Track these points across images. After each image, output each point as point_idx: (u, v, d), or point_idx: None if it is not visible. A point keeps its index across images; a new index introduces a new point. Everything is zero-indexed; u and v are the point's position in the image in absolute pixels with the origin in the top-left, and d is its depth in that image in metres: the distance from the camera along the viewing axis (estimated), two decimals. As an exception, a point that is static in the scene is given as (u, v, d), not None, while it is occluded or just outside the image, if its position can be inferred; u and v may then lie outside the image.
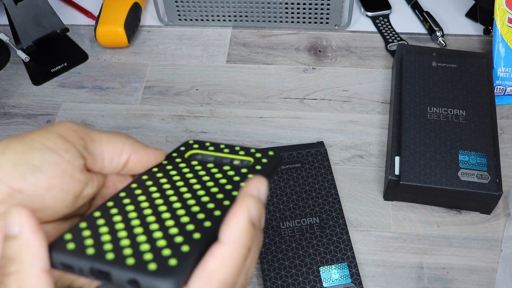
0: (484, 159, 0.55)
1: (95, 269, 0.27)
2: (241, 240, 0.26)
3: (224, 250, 0.26)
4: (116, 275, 0.26)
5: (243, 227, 0.27)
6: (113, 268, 0.26)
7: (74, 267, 0.27)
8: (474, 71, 0.63)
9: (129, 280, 0.26)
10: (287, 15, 0.75)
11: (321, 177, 0.59)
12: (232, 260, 0.26)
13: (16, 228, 0.26)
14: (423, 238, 0.56)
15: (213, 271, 0.25)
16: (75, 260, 0.27)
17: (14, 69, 0.75)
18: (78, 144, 0.31)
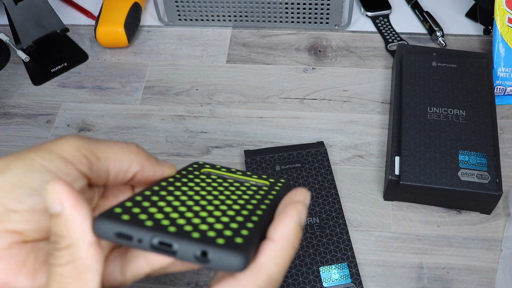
0: (484, 159, 0.55)
1: (157, 240, 0.26)
2: (291, 239, 0.27)
3: (275, 247, 0.27)
4: (182, 247, 0.25)
5: (293, 227, 0.27)
6: (179, 240, 0.25)
7: (133, 237, 0.26)
8: (474, 71, 0.63)
9: (197, 253, 0.25)
10: (287, 15, 0.75)
11: (321, 177, 0.59)
12: (281, 257, 0.26)
13: (57, 206, 0.26)
14: (423, 238, 0.56)
15: (263, 265, 0.26)
16: (133, 230, 0.26)
17: (14, 69, 0.75)
18: (82, 165, 0.30)
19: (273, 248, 0.27)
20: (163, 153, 0.64)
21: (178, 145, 0.65)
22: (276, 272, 0.26)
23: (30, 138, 0.67)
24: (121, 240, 0.26)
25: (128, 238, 0.26)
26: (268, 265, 0.26)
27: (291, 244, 0.27)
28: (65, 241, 0.26)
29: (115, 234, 0.26)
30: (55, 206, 0.26)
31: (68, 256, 0.26)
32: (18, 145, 0.66)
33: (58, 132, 0.67)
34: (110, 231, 0.26)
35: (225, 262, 0.25)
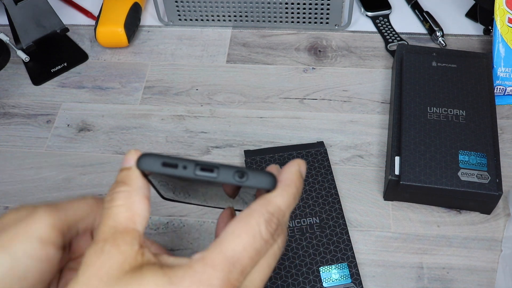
0: (484, 159, 0.55)
1: (200, 166, 0.30)
2: (294, 180, 0.32)
3: (282, 184, 0.32)
4: (222, 170, 0.30)
5: (295, 171, 0.32)
6: (218, 165, 0.30)
7: (178, 165, 0.30)
8: (474, 71, 0.63)
9: (237, 174, 0.30)
10: (287, 15, 0.75)
11: (321, 177, 0.59)
12: (286, 191, 0.31)
13: (131, 162, 0.32)
14: (423, 238, 0.56)
15: (271, 197, 0.31)
16: (177, 159, 0.30)
17: (14, 69, 0.75)
18: (59, 240, 0.34)
19: (281, 186, 0.31)
20: (163, 153, 0.64)
21: (178, 145, 0.65)
22: (282, 203, 0.31)
23: (30, 138, 0.67)
24: (166, 169, 0.30)
25: (174, 166, 0.30)
26: (275, 197, 0.31)
27: (293, 183, 0.32)
28: (126, 187, 0.31)
29: (162, 164, 0.30)
30: (130, 161, 0.32)
31: (125, 199, 0.30)
32: (18, 145, 0.66)
33: (58, 132, 0.67)
34: (157, 161, 0.30)
35: (260, 181, 0.30)
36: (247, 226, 0.29)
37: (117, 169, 0.63)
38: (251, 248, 0.29)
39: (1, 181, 0.63)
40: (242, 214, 0.30)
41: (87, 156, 0.65)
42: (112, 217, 0.30)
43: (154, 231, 0.58)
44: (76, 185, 0.62)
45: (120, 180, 0.31)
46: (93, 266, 0.28)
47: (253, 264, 0.29)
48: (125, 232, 0.29)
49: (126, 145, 0.65)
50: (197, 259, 0.28)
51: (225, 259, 0.28)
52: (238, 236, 0.29)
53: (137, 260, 0.29)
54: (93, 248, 0.29)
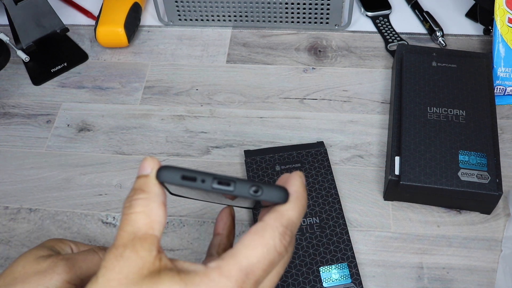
0: (484, 159, 0.55)
1: (217, 180, 0.32)
2: (301, 192, 0.33)
3: (293, 197, 0.33)
4: (239, 185, 0.32)
5: (300, 184, 0.34)
6: (235, 180, 0.32)
7: (197, 178, 0.32)
8: (474, 71, 0.63)
9: (252, 188, 0.32)
10: (287, 15, 0.75)
11: (321, 177, 0.59)
12: (296, 205, 0.33)
13: (148, 169, 0.33)
14: (423, 238, 0.56)
15: (283, 211, 0.32)
16: (196, 173, 0.32)
17: (14, 69, 0.75)
18: None
19: (291, 199, 0.33)
20: (163, 153, 0.64)
21: (178, 145, 0.65)
22: (294, 216, 0.32)
23: (30, 138, 0.67)
24: (186, 182, 0.32)
25: (192, 180, 0.32)
26: (288, 210, 0.32)
27: (301, 196, 0.33)
28: (144, 195, 0.32)
29: (181, 177, 0.32)
30: (147, 169, 0.33)
31: (143, 206, 0.31)
32: (18, 145, 0.66)
33: (58, 132, 0.67)
34: (177, 174, 0.32)
35: (273, 195, 0.32)
36: (262, 239, 0.30)
37: (118, 169, 0.63)
38: (265, 260, 0.30)
39: (1, 181, 0.63)
40: (257, 227, 0.31)
41: (87, 156, 0.65)
42: (131, 223, 0.31)
43: (154, 231, 0.58)
44: (76, 185, 0.62)
45: (138, 188, 0.32)
46: (112, 270, 0.29)
47: (266, 275, 0.31)
48: (143, 238, 0.30)
49: (126, 145, 0.65)
50: (213, 268, 0.29)
51: (240, 270, 0.29)
52: (254, 249, 0.30)
53: (155, 265, 0.30)
54: (112, 253, 0.30)
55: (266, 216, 0.32)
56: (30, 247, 0.58)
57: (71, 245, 0.46)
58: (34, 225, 0.59)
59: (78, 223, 0.59)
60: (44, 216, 0.60)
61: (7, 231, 0.59)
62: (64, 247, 0.45)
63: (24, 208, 0.61)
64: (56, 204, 0.61)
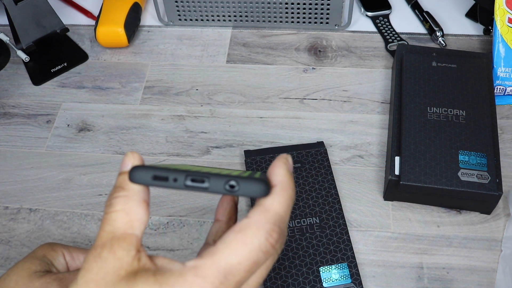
0: (484, 159, 0.55)
1: (190, 177, 0.30)
2: (286, 182, 0.31)
3: (277, 189, 0.31)
4: (213, 181, 0.30)
5: (284, 173, 0.32)
6: (209, 176, 0.30)
7: (168, 178, 0.30)
8: (474, 71, 0.63)
9: (227, 184, 0.29)
10: (287, 15, 0.75)
11: (321, 177, 0.59)
12: (282, 197, 0.31)
13: (128, 166, 0.32)
14: (423, 238, 0.56)
15: (269, 205, 0.30)
16: (168, 172, 0.30)
17: (14, 69, 0.75)
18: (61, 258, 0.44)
19: (275, 190, 0.31)
20: (163, 153, 0.64)
21: (178, 145, 0.65)
22: (281, 209, 0.30)
23: (30, 138, 0.67)
24: (157, 182, 0.30)
25: (164, 179, 0.30)
26: (273, 204, 0.30)
27: (287, 185, 0.31)
28: (123, 192, 0.31)
29: (152, 177, 0.30)
30: (127, 165, 0.32)
31: (122, 204, 0.31)
32: (18, 145, 0.66)
33: (58, 132, 0.67)
34: (148, 175, 0.30)
35: (252, 189, 0.30)
36: (244, 238, 0.29)
37: (117, 169, 0.63)
38: (248, 261, 0.29)
39: (1, 181, 0.63)
40: (241, 225, 0.30)
41: (87, 156, 0.65)
42: (111, 222, 0.30)
43: (154, 231, 0.58)
44: (76, 185, 0.62)
45: (118, 185, 0.32)
46: (90, 271, 0.29)
47: (249, 275, 0.29)
48: (122, 238, 0.30)
49: (126, 145, 0.65)
50: (190, 268, 0.28)
51: (218, 271, 0.28)
52: (235, 249, 0.29)
53: (133, 265, 0.29)
54: (92, 253, 0.30)
55: (250, 212, 0.30)
56: (30, 247, 0.58)
57: (64, 252, 0.46)
58: (34, 225, 0.59)
59: (78, 223, 0.59)
60: (44, 216, 0.60)
61: (7, 231, 0.59)
62: (56, 256, 0.45)
63: (24, 208, 0.61)
64: (56, 204, 0.61)
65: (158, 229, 0.58)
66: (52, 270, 0.44)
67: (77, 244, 0.58)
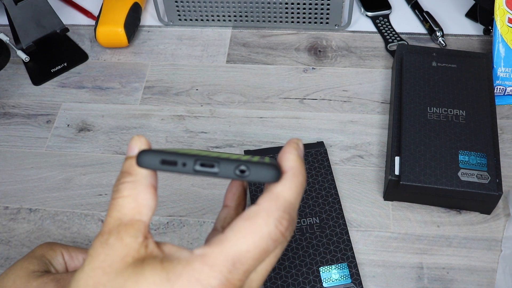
0: (484, 159, 0.55)
1: (200, 162, 0.29)
2: (297, 168, 0.30)
3: (288, 175, 0.30)
4: (223, 165, 0.29)
5: (295, 158, 0.31)
6: (219, 160, 0.29)
7: (177, 162, 0.29)
8: (474, 71, 0.63)
9: (238, 168, 0.29)
10: (287, 15, 0.75)
11: (321, 177, 0.59)
12: (293, 183, 0.30)
13: (135, 150, 0.31)
14: (423, 238, 0.56)
15: (279, 192, 0.29)
16: (177, 156, 0.29)
17: (14, 69, 0.75)
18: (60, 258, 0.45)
19: (285, 177, 0.30)
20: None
21: (178, 145, 0.65)
22: (292, 196, 0.30)
23: (30, 138, 0.67)
24: (165, 166, 0.29)
25: (173, 164, 0.29)
26: (283, 191, 0.29)
27: (298, 172, 0.30)
28: (131, 178, 0.30)
29: (160, 161, 0.29)
30: (134, 149, 0.31)
31: (130, 190, 0.30)
32: (18, 145, 0.66)
33: (58, 132, 0.67)
34: (156, 159, 0.29)
35: (263, 174, 0.29)
36: (253, 225, 0.28)
37: (118, 169, 0.63)
38: (257, 249, 0.28)
39: (1, 181, 0.63)
40: (250, 212, 0.29)
41: (87, 156, 0.65)
42: (118, 208, 0.30)
43: (154, 231, 0.58)
44: (76, 185, 0.62)
45: (125, 170, 0.31)
46: (97, 258, 0.28)
47: (257, 263, 0.28)
48: (129, 224, 0.29)
49: (126, 145, 0.65)
50: (197, 256, 0.28)
51: (226, 260, 0.27)
52: (243, 237, 0.28)
53: (140, 253, 0.29)
54: (98, 240, 0.29)
55: (260, 198, 0.29)
56: (30, 247, 0.58)
57: (62, 252, 0.45)
58: (34, 225, 0.59)
59: (78, 223, 0.59)
60: (44, 216, 0.60)
61: (7, 231, 0.59)
62: (55, 255, 0.45)
63: (24, 208, 0.61)
64: (56, 204, 0.61)
65: (158, 229, 0.58)
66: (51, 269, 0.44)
67: (77, 244, 0.58)
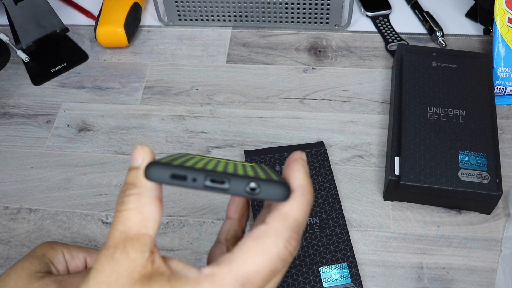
0: (484, 159, 0.55)
1: (210, 177, 0.29)
2: (305, 186, 0.30)
3: (297, 194, 0.30)
4: (234, 182, 0.29)
5: (303, 176, 0.31)
6: (229, 177, 0.29)
7: (187, 177, 0.29)
8: (474, 71, 0.63)
9: (248, 186, 0.29)
10: (287, 15, 0.75)
11: (321, 177, 0.59)
12: (302, 202, 0.30)
13: (139, 161, 0.30)
14: (423, 238, 0.56)
15: (288, 211, 0.29)
16: (187, 171, 0.29)
17: (14, 69, 0.75)
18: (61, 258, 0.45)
19: (294, 196, 0.30)
20: (163, 153, 0.64)
21: (178, 145, 0.65)
22: (300, 216, 0.30)
23: (30, 138, 0.67)
24: (175, 181, 0.29)
25: (183, 179, 0.29)
26: (292, 210, 0.29)
27: (307, 190, 0.30)
28: (136, 190, 0.30)
29: (170, 176, 0.29)
30: (138, 160, 0.30)
31: (135, 202, 0.29)
32: (18, 145, 0.66)
33: (58, 132, 0.67)
34: (166, 173, 0.29)
35: (273, 193, 0.29)
36: (263, 245, 0.28)
37: (117, 169, 0.63)
38: (266, 269, 0.28)
39: (1, 181, 0.63)
40: (259, 231, 0.29)
41: (87, 156, 0.65)
42: (123, 221, 0.29)
43: (154, 231, 0.58)
44: (76, 185, 0.62)
45: (129, 182, 0.30)
46: (102, 273, 0.28)
47: (266, 283, 0.29)
48: (135, 239, 0.29)
49: (126, 145, 0.65)
50: (206, 275, 0.28)
51: (235, 280, 0.27)
52: (253, 257, 0.28)
53: (147, 268, 0.28)
54: (104, 254, 0.29)
55: (269, 217, 0.29)
56: (30, 247, 0.58)
57: (63, 251, 0.45)
58: (34, 225, 0.59)
59: (78, 223, 0.59)
60: (44, 216, 0.60)
61: (7, 231, 0.59)
62: (55, 254, 0.45)
63: (24, 208, 0.61)
64: (56, 204, 0.61)
65: (158, 229, 0.58)
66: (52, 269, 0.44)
67: (77, 244, 0.58)
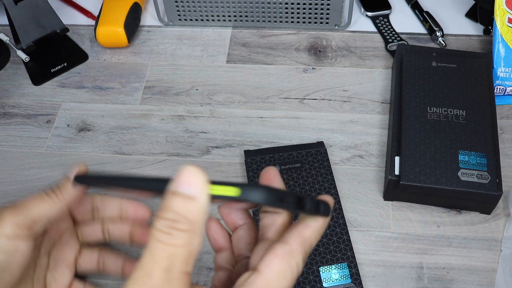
0: (484, 159, 0.55)
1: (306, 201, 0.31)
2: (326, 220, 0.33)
3: (318, 224, 0.32)
4: (310, 203, 0.31)
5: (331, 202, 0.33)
6: (307, 198, 0.31)
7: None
8: (474, 71, 0.63)
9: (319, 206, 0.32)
10: (287, 15, 0.75)
11: (321, 177, 0.59)
12: (320, 231, 0.32)
13: (193, 190, 0.27)
14: (423, 238, 0.56)
15: (307, 237, 0.31)
16: (289, 195, 0.30)
17: (14, 69, 0.75)
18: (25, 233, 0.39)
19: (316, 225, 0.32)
20: (163, 153, 0.64)
21: (178, 145, 0.65)
22: (316, 241, 0.32)
23: (30, 138, 0.67)
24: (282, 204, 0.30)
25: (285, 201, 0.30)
26: (311, 237, 0.32)
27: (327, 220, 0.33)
28: (190, 226, 0.27)
29: (277, 198, 0.29)
30: (190, 188, 0.27)
31: (186, 239, 0.27)
32: (18, 145, 0.66)
33: (58, 132, 0.67)
34: (276, 195, 0.29)
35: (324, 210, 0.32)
36: (289, 266, 0.30)
37: (117, 169, 0.63)
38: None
39: (1, 181, 0.63)
40: (284, 251, 0.30)
41: (87, 156, 0.65)
42: (169, 257, 0.27)
43: (154, 231, 0.58)
44: (76, 185, 0.62)
45: (181, 213, 0.27)
46: None
47: None
48: (179, 279, 0.27)
49: (126, 145, 0.65)
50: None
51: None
52: (284, 277, 0.29)
53: None
54: None
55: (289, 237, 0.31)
56: (30, 247, 0.57)
57: None
58: (34, 225, 0.59)
59: (78, 223, 0.59)
60: (44, 216, 0.60)
61: (7, 231, 0.59)
62: None
63: (24, 208, 0.61)
64: (56, 204, 0.61)
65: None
66: None
67: (77, 244, 0.57)
